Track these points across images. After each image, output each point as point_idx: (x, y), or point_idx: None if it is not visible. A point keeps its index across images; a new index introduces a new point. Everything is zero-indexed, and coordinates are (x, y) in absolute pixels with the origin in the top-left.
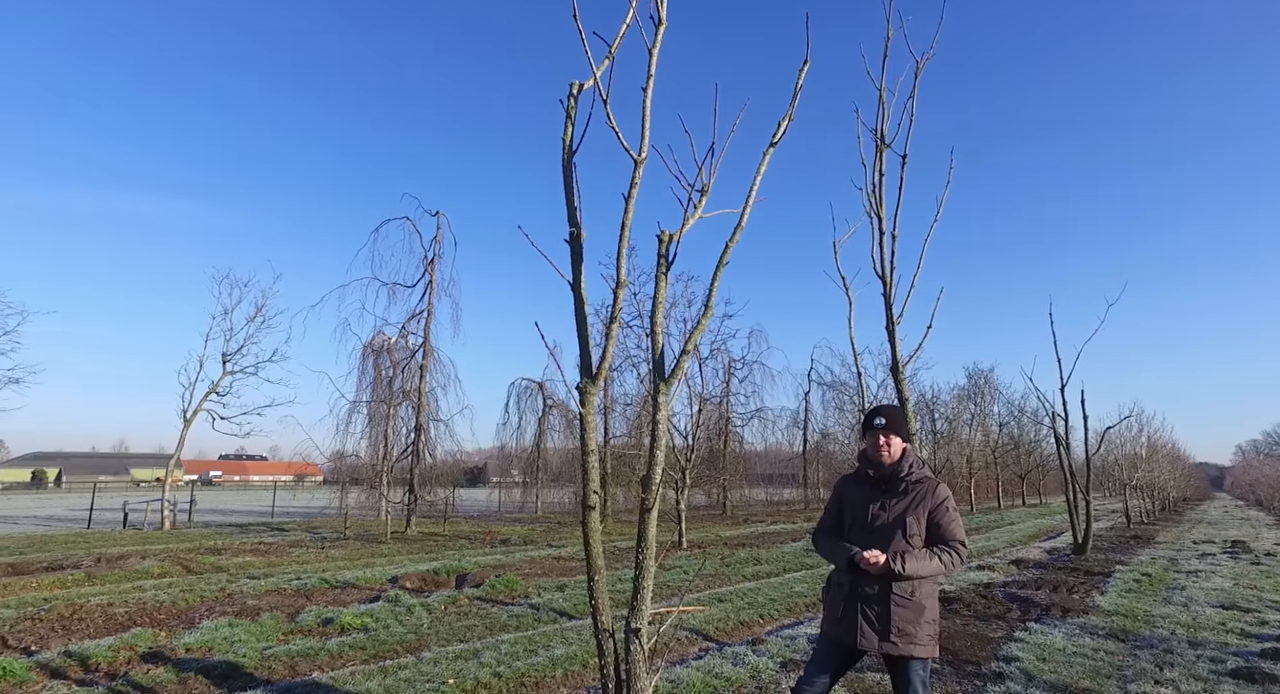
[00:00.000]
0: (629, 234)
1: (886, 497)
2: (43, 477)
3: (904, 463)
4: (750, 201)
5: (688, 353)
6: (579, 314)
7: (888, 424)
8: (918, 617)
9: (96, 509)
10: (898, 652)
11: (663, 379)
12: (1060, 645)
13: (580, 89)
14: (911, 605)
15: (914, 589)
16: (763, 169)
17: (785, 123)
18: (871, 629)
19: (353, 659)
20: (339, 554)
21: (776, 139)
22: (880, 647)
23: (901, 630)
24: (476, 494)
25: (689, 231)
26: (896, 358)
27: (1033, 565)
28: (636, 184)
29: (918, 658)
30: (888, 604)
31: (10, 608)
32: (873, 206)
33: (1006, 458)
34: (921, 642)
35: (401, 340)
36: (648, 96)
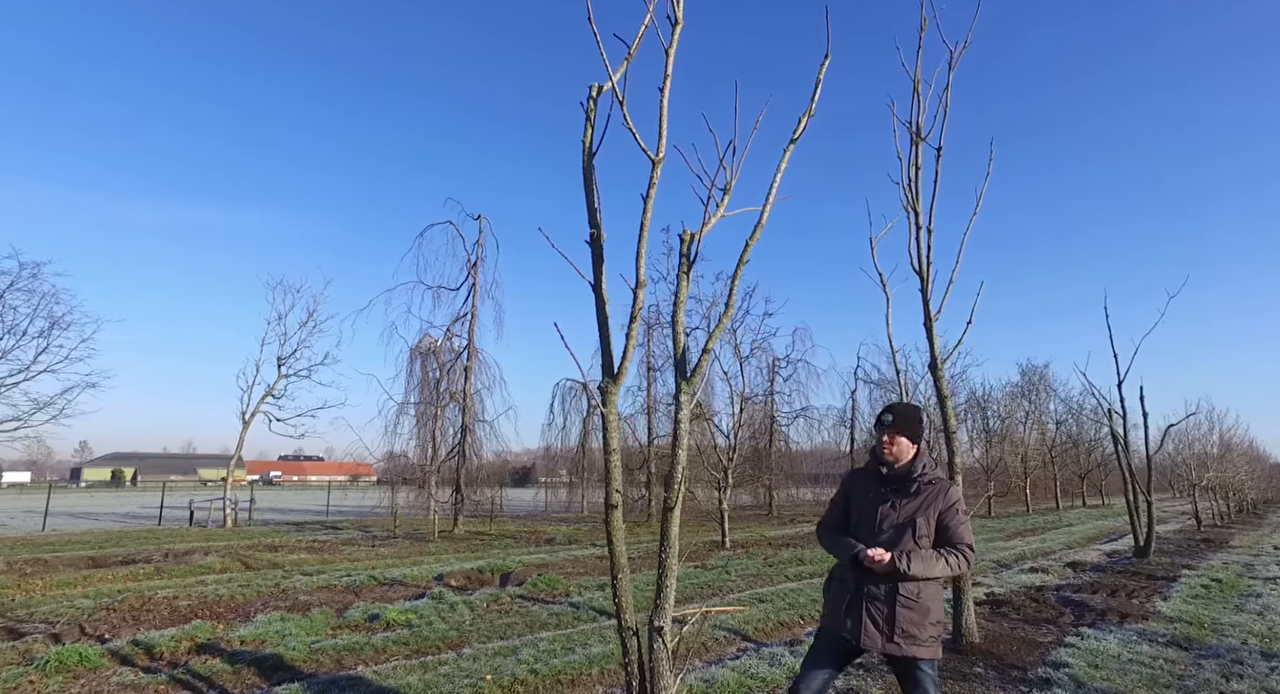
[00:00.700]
0: (647, 234)
1: (897, 496)
2: (121, 476)
3: (917, 463)
4: (771, 199)
5: (708, 352)
6: (600, 315)
7: (895, 422)
8: (923, 618)
9: (166, 507)
10: (900, 652)
11: (684, 378)
12: (1115, 652)
13: (599, 91)
14: (917, 606)
15: (920, 590)
16: (783, 166)
17: (805, 119)
18: (876, 629)
19: (396, 654)
20: (388, 552)
21: (797, 135)
22: (884, 647)
23: (906, 631)
24: (524, 494)
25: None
26: (935, 355)
27: (1090, 568)
28: (654, 184)
29: (923, 659)
30: (894, 605)
31: (89, 598)
32: (909, 201)
33: (1065, 457)
34: (925, 643)
35: (447, 342)
36: (665, 97)
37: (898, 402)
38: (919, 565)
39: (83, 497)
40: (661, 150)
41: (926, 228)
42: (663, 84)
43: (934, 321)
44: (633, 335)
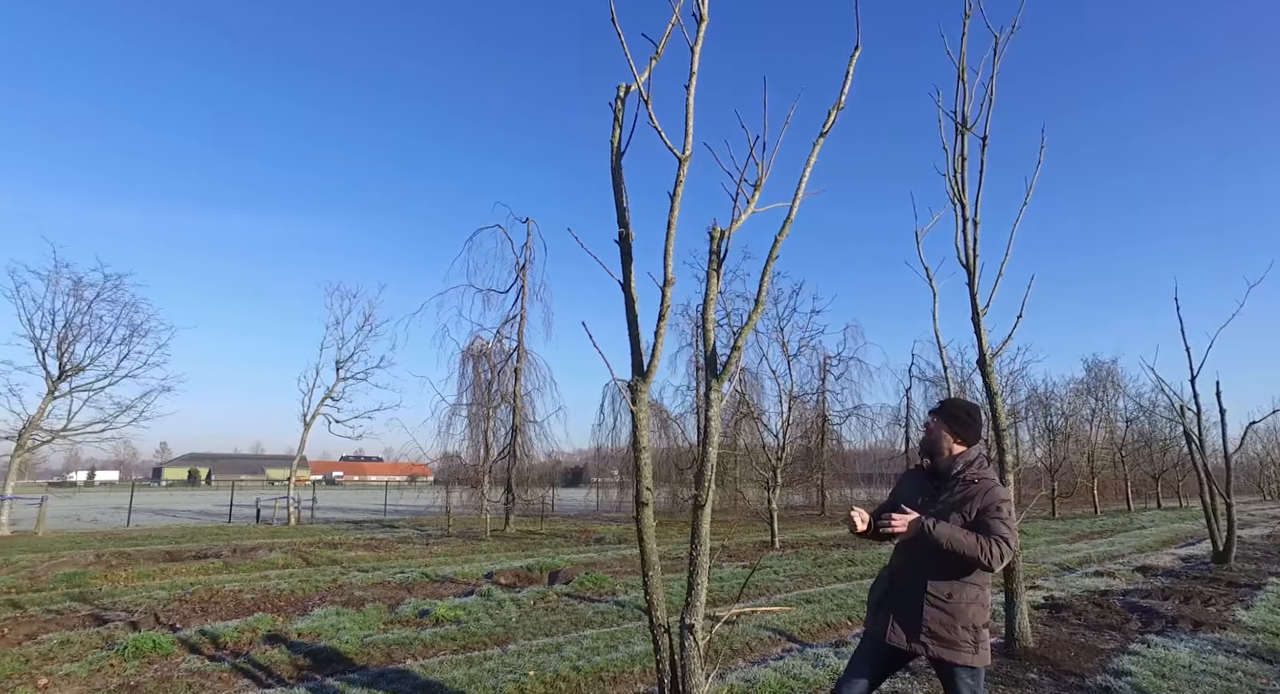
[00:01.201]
0: (675, 232)
1: (939, 491)
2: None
3: (959, 460)
4: (800, 194)
5: (738, 350)
6: (629, 313)
7: (941, 411)
8: (954, 621)
9: (235, 505)
10: (929, 653)
11: (714, 376)
12: (1185, 662)
13: (627, 91)
14: (948, 607)
15: (951, 592)
16: (813, 160)
17: (835, 112)
18: (902, 626)
19: (443, 649)
20: (441, 550)
21: (826, 129)
22: (910, 646)
23: (933, 632)
24: (575, 494)
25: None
26: (984, 350)
27: (1161, 573)
28: (681, 182)
29: (962, 665)
30: (920, 602)
31: (165, 590)
32: (955, 192)
33: (1136, 456)
34: (961, 648)
35: (497, 344)
36: (690, 94)
37: (956, 399)
38: (945, 530)
39: (162, 494)
40: (688, 148)
41: (972, 220)
42: (689, 81)
43: (982, 316)
44: (661, 333)
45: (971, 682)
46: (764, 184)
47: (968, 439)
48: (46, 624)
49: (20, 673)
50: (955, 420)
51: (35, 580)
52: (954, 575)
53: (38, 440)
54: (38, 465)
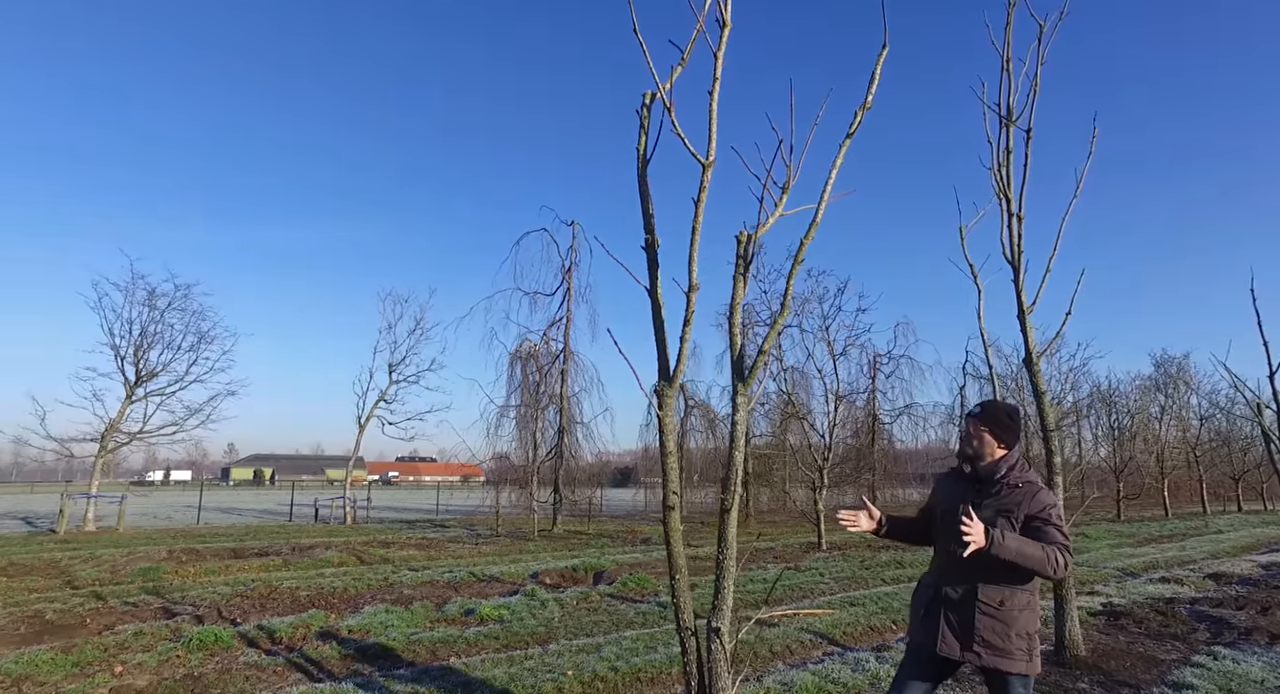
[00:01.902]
0: (699, 238)
1: (980, 496)
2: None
3: (1001, 464)
4: (825, 196)
5: (764, 353)
6: (656, 319)
7: (981, 414)
8: (1007, 629)
9: (295, 505)
10: (981, 663)
11: (741, 380)
12: (1258, 677)
13: (653, 98)
14: (1000, 614)
15: (1003, 599)
16: (838, 162)
17: (861, 113)
18: (953, 635)
19: (486, 648)
20: (490, 550)
21: (853, 130)
22: (962, 655)
23: (986, 641)
24: (624, 494)
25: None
26: (1030, 348)
27: (1237, 581)
28: (705, 188)
29: (1016, 674)
30: (972, 610)
31: (228, 586)
32: (1000, 186)
33: (1213, 456)
34: (1015, 656)
35: (544, 346)
36: (714, 100)
37: (995, 400)
38: (1014, 543)
39: (230, 494)
40: (711, 154)
41: (1017, 215)
42: (712, 87)
43: (1028, 313)
44: (686, 339)
45: (1023, 690)
46: (792, 187)
47: (1009, 442)
48: (123, 616)
49: (99, 660)
50: (997, 423)
51: (115, 574)
52: (1006, 582)
53: (118, 442)
54: (119, 465)
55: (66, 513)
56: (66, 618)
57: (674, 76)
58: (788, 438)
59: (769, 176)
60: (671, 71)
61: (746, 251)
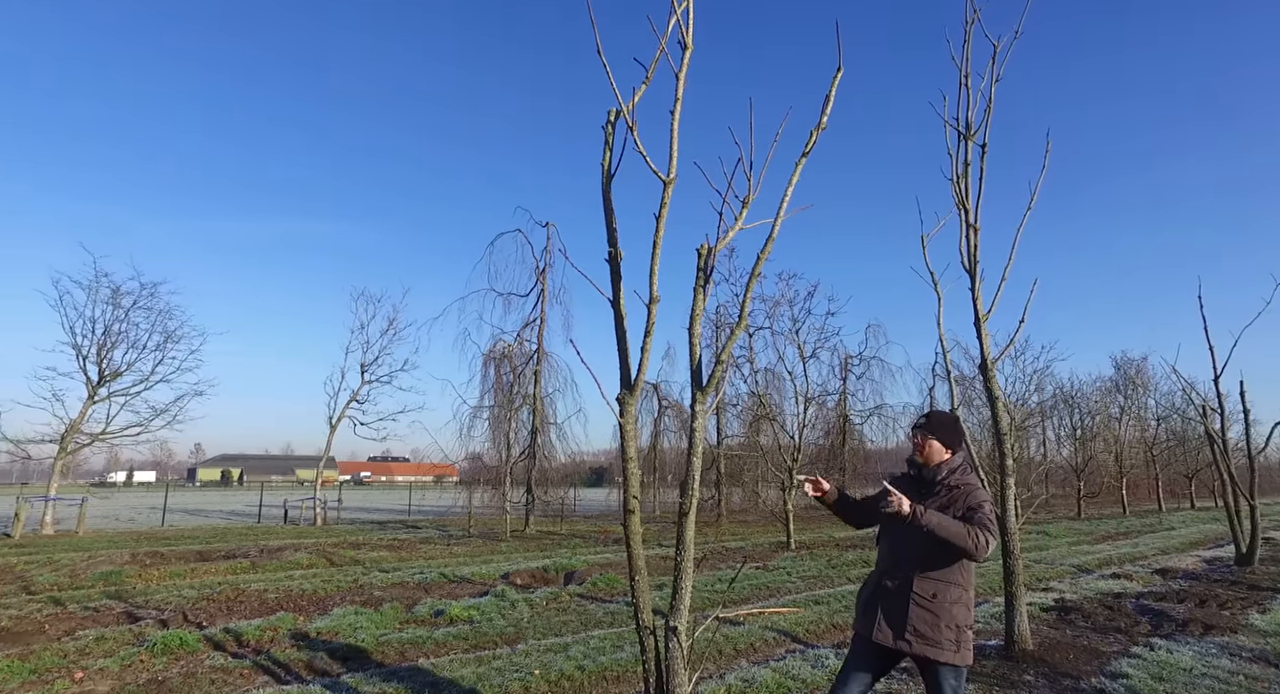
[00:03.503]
0: (660, 252)
1: (923, 497)
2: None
3: (944, 467)
4: (781, 213)
5: (722, 362)
6: (618, 329)
7: (928, 424)
8: (937, 620)
9: (264, 506)
10: (912, 651)
11: (700, 389)
12: (1186, 665)
13: (617, 115)
14: (932, 606)
15: (935, 592)
16: (794, 180)
17: (816, 133)
18: (888, 624)
19: (455, 648)
20: (461, 551)
21: (808, 149)
22: (895, 644)
23: (918, 630)
24: (597, 494)
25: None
26: (985, 355)
27: (1181, 576)
28: (666, 204)
29: (945, 664)
30: (906, 601)
31: (194, 589)
32: (959, 198)
33: (1169, 456)
34: (944, 646)
35: (518, 347)
36: (675, 119)
37: (938, 410)
38: (934, 517)
39: (196, 495)
40: (673, 171)
41: (973, 226)
42: (673, 107)
43: (984, 321)
44: (647, 350)
45: (954, 680)
46: (752, 202)
47: (954, 445)
48: (84, 621)
49: (58, 667)
50: (943, 430)
51: (75, 578)
52: (940, 576)
53: (78, 443)
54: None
55: (22, 516)
56: (23, 624)
57: (636, 97)
58: (759, 438)
59: (729, 190)
60: (634, 92)
61: (707, 264)
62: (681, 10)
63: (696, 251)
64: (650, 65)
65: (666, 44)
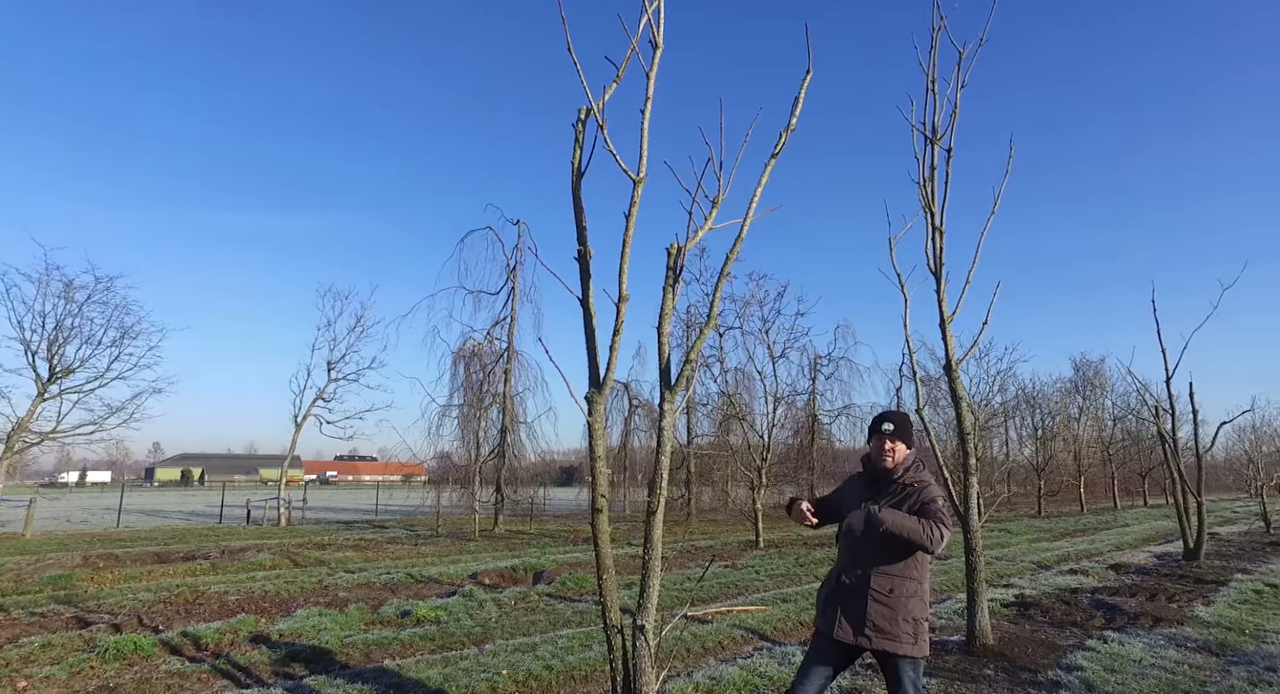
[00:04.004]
0: (629, 251)
1: (879, 495)
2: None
3: (900, 467)
4: (750, 214)
5: (691, 361)
6: (587, 327)
7: (895, 431)
8: (895, 614)
9: (226, 506)
10: (872, 646)
11: (668, 388)
12: (1136, 656)
13: (588, 114)
14: (889, 601)
15: (892, 588)
16: (764, 181)
17: (785, 134)
18: (848, 621)
19: (421, 649)
20: (429, 550)
21: (777, 150)
22: (855, 639)
23: (876, 625)
24: (568, 493)
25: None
26: (950, 356)
27: (1134, 571)
28: (636, 203)
29: (903, 656)
30: (865, 598)
31: (150, 592)
32: (925, 201)
33: (1124, 454)
34: (902, 640)
35: (489, 345)
36: (645, 118)
37: (893, 411)
38: (889, 514)
39: (155, 495)
40: (643, 170)
41: (939, 229)
42: (644, 106)
43: (949, 323)
44: (616, 348)
45: (912, 672)
46: (721, 202)
47: (910, 443)
48: (29, 627)
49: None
50: (903, 429)
51: (20, 583)
52: (897, 572)
53: (26, 442)
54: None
55: None
56: None
57: (607, 95)
58: (729, 438)
59: (699, 190)
60: (604, 90)
61: (676, 264)
62: (653, 10)
63: (666, 251)
64: (621, 64)
65: (637, 43)
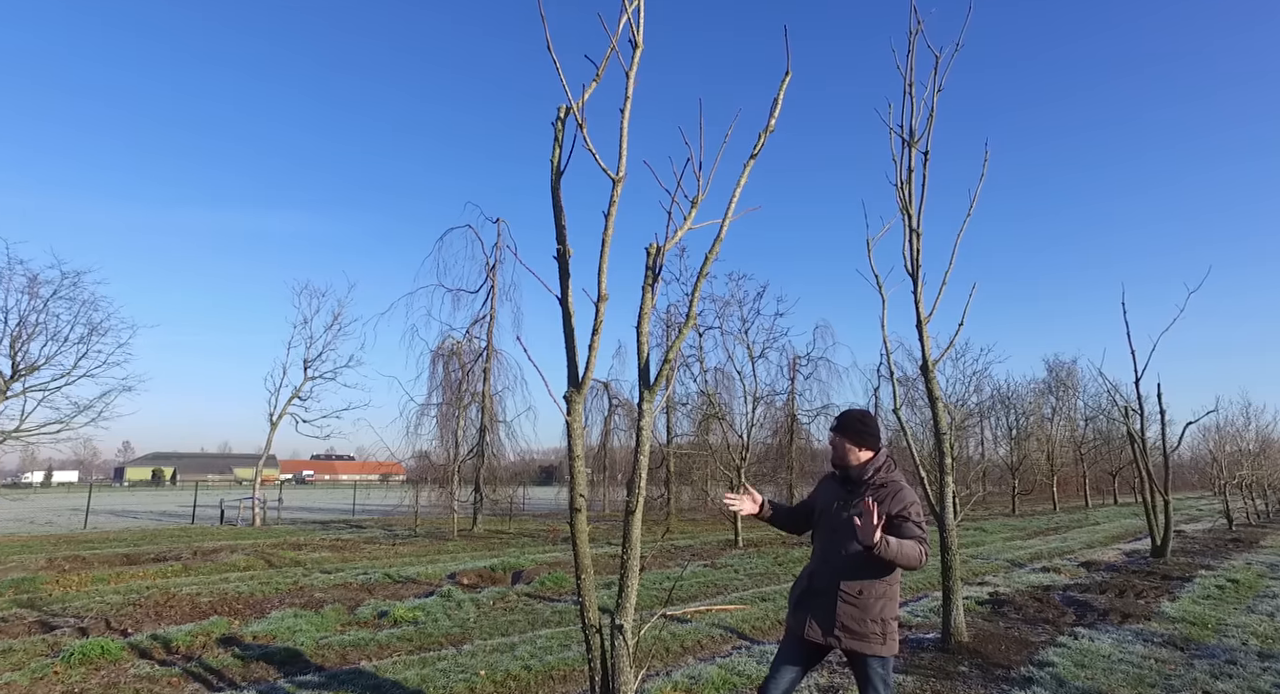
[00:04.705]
0: (609, 250)
1: (850, 496)
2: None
3: (869, 466)
4: (730, 214)
5: (670, 361)
6: (566, 326)
7: (839, 427)
8: (864, 615)
9: (199, 506)
10: (841, 646)
11: (647, 387)
12: (1105, 652)
13: (567, 112)
14: (858, 602)
15: (862, 589)
16: (743, 181)
17: (764, 135)
18: (818, 622)
19: (399, 650)
20: (407, 550)
21: (756, 151)
22: (825, 640)
23: (845, 626)
24: (547, 492)
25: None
26: (926, 356)
27: (1104, 568)
28: (615, 202)
29: (872, 655)
30: (835, 599)
31: (119, 595)
32: (903, 203)
33: (1095, 454)
34: (871, 640)
35: (468, 344)
36: (625, 117)
37: (850, 410)
38: (894, 549)
39: (124, 495)
40: (622, 169)
41: (916, 231)
42: (623, 105)
43: (925, 324)
44: (595, 347)
45: (881, 670)
46: (701, 202)
47: (870, 445)
48: None
49: None
50: (852, 431)
51: None
52: (865, 575)
53: None
54: None
55: None
56: None
57: (587, 94)
58: (708, 437)
59: (679, 189)
60: (584, 89)
61: (655, 263)
62: (632, 9)
63: (646, 251)
64: (601, 63)
65: (617, 42)
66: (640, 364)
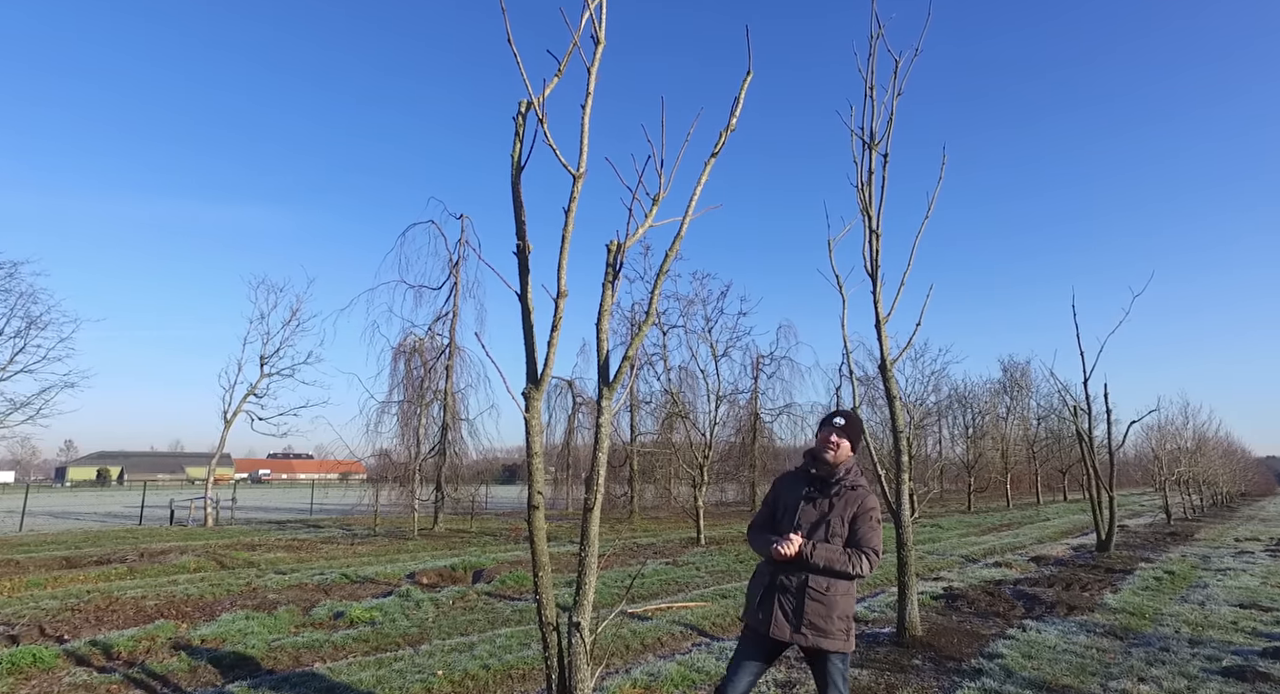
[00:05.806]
0: (569, 246)
1: (819, 496)
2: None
3: (840, 468)
4: (690, 212)
5: (629, 359)
6: (525, 323)
7: (845, 426)
8: (829, 612)
9: (148, 506)
10: (808, 643)
11: (606, 384)
12: (1051, 643)
13: (528, 107)
14: (825, 599)
15: (829, 586)
16: (703, 180)
17: (725, 134)
18: (785, 619)
19: (355, 651)
20: (366, 550)
21: (717, 149)
22: (791, 637)
23: (812, 623)
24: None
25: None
26: (885, 356)
27: (1052, 563)
28: (575, 198)
29: (832, 651)
30: (803, 597)
31: (55, 599)
32: (863, 204)
33: (1047, 452)
34: (834, 636)
35: (430, 341)
36: (586, 114)
37: (848, 410)
38: (823, 553)
39: (66, 496)
40: (583, 165)
41: (876, 232)
42: (584, 101)
43: (884, 323)
44: (554, 344)
45: (841, 665)
46: (662, 200)
47: (856, 445)
48: None
49: None
50: (855, 432)
51: None
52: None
53: None
54: None
55: None
56: None
57: (548, 89)
58: (672, 436)
59: (640, 186)
60: (545, 84)
61: (616, 260)
62: (595, 5)
63: (606, 248)
64: (563, 58)
65: (579, 38)
66: (600, 361)
